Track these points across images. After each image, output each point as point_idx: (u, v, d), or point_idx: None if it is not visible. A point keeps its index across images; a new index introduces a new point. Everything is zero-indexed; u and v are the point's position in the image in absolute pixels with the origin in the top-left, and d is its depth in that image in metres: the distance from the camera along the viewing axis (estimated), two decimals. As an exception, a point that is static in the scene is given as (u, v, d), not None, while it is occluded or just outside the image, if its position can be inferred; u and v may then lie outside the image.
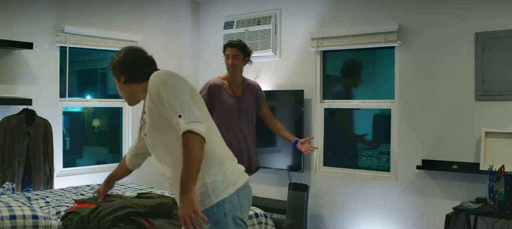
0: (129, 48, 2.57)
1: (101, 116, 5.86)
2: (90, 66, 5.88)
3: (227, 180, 2.32)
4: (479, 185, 4.28)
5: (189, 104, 2.25)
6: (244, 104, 4.18)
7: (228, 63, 4.15)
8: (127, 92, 2.54)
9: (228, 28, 5.88)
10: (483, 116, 4.34)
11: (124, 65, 2.48)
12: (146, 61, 2.52)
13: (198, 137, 2.17)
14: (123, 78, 2.49)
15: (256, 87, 4.31)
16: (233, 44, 4.17)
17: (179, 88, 2.30)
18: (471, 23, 4.40)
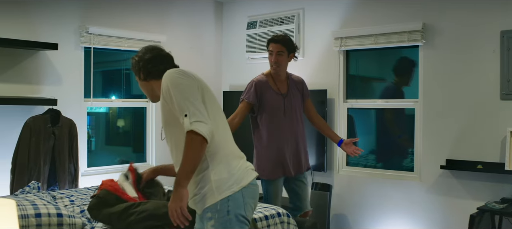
0: (146, 47, 2.67)
1: (125, 116, 5.93)
2: (114, 67, 5.95)
3: (232, 178, 2.37)
4: (504, 185, 4.21)
5: (195, 104, 2.30)
6: (290, 101, 4.01)
7: (271, 60, 3.98)
8: (148, 89, 2.64)
9: (251, 28, 5.89)
10: (508, 116, 4.26)
11: (142, 63, 2.59)
12: (162, 58, 2.61)
13: (200, 138, 2.24)
14: (142, 75, 2.60)
15: (300, 82, 4.13)
16: (277, 39, 3.98)
17: (188, 88, 2.35)
18: (497, 21, 4.32)
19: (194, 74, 2.49)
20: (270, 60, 3.98)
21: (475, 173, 4.39)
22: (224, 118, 2.57)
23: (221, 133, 2.45)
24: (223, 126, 2.52)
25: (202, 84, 2.46)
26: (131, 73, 5.91)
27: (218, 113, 2.50)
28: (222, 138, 2.43)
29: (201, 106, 2.32)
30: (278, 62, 3.95)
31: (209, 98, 2.45)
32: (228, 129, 2.56)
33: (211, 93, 2.51)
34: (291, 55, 4.01)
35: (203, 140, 2.24)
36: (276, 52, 3.94)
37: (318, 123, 4.18)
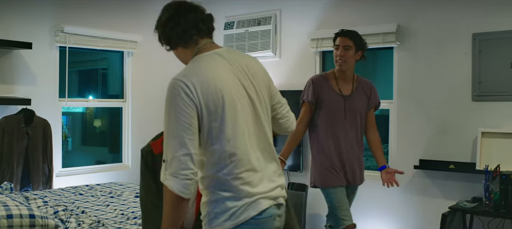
0: (167, 4, 2.15)
1: (102, 116, 5.89)
2: (90, 66, 5.92)
3: (225, 214, 1.95)
4: (475, 185, 4.29)
5: (177, 147, 1.85)
6: (352, 104, 3.56)
7: (336, 54, 3.53)
8: (182, 59, 2.15)
9: (228, 29, 5.90)
10: (479, 116, 4.35)
11: (160, 28, 2.11)
12: (180, 16, 2.06)
13: (173, 195, 1.85)
14: (164, 45, 2.13)
15: (370, 87, 3.68)
16: (345, 32, 3.58)
17: (177, 118, 1.88)
18: (469, 24, 4.40)
19: (207, 81, 1.94)
20: (335, 54, 3.54)
21: (447, 172, 4.47)
22: (241, 131, 1.98)
23: (240, 154, 1.97)
24: (244, 143, 1.98)
25: (215, 96, 1.92)
26: (107, 72, 5.89)
27: (226, 129, 1.94)
28: (233, 164, 1.95)
29: (185, 146, 1.85)
30: (344, 57, 3.50)
31: (230, 113, 1.94)
32: (252, 142, 2.01)
33: (241, 100, 1.98)
34: (360, 53, 3.56)
35: (178, 198, 1.85)
36: (343, 46, 3.50)
37: (372, 138, 3.71)
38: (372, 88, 3.69)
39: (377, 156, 3.71)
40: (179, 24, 2.04)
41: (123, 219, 3.36)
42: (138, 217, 3.40)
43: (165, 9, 2.12)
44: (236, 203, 1.94)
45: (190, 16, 2.07)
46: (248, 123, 2.01)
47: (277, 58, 5.64)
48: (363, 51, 3.60)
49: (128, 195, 4.11)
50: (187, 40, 2.06)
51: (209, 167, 1.97)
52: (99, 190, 4.29)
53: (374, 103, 3.69)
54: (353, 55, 3.54)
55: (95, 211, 3.56)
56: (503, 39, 4.22)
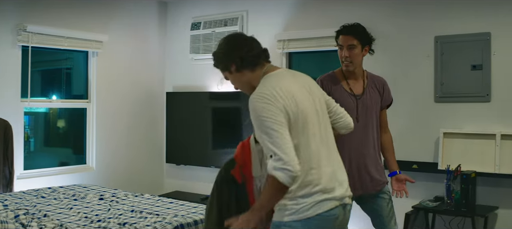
0: (226, 37, 2.48)
1: (66, 116, 5.79)
2: (54, 66, 5.81)
3: (294, 207, 2.22)
4: (438, 184, 4.38)
5: (279, 142, 2.12)
6: (365, 104, 3.26)
7: (341, 55, 3.24)
8: (242, 82, 2.43)
9: (195, 29, 5.88)
10: (441, 117, 4.45)
11: (231, 53, 2.39)
12: (249, 44, 2.42)
13: (280, 185, 2.12)
14: (233, 67, 2.38)
15: (382, 83, 3.36)
16: (347, 30, 3.24)
17: (271, 121, 2.15)
18: (431, 27, 4.50)
19: (286, 90, 2.23)
20: (340, 55, 3.26)
21: (410, 172, 4.51)
22: (320, 138, 2.30)
23: (313, 159, 2.26)
24: (305, 144, 2.26)
25: (297, 105, 2.23)
26: (71, 72, 5.79)
27: (305, 129, 2.25)
28: (306, 166, 2.23)
29: (285, 142, 2.13)
30: (350, 57, 3.21)
31: (303, 118, 2.24)
32: (322, 150, 2.30)
33: (297, 111, 2.24)
34: (367, 48, 3.27)
35: (283, 187, 2.14)
36: (347, 46, 3.20)
37: (384, 140, 3.39)
38: (385, 84, 3.37)
39: (389, 160, 3.39)
40: (253, 49, 2.38)
41: (87, 222, 3.31)
42: (101, 220, 3.36)
43: (232, 37, 2.46)
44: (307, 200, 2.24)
45: (257, 43, 2.43)
46: (315, 126, 2.33)
47: (244, 59, 5.63)
48: (369, 45, 3.29)
49: (92, 198, 4.05)
50: (257, 63, 2.38)
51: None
52: (62, 193, 4.22)
53: (387, 101, 3.38)
54: (360, 53, 3.23)
55: (58, 215, 3.50)
56: (464, 42, 4.32)
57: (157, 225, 3.24)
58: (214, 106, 5.85)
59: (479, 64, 4.26)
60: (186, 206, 3.85)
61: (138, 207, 3.74)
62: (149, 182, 6.06)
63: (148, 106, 6.14)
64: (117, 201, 3.96)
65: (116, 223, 3.28)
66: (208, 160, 5.82)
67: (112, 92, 5.71)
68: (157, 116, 6.23)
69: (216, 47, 2.46)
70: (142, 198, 4.10)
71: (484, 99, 4.25)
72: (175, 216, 3.45)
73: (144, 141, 6.08)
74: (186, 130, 5.97)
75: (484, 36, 4.23)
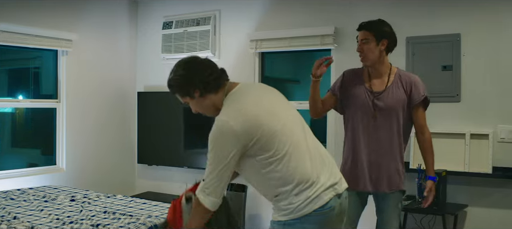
0: (182, 60, 2.43)
1: (33, 117, 5.66)
2: (22, 65, 5.68)
3: (290, 207, 2.30)
4: (409, 183, 4.40)
5: (215, 174, 2.29)
6: (384, 102, 3.19)
7: (358, 49, 3.26)
8: (207, 105, 2.43)
9: (167, 28, 5.83)
10: (413, 117, 4.50)
11: (195, 78, 2.37)
12: (209, 67, 2.42)
13: (202, 208, 2.33)
14: (197, 92, 2.37)
15: (410, 81, 3.22)
16: (362, 25, 3.29)
17: (219, 152, 2.27)
18: (403, 28, 4.54)
19: (249, 111, 2.29)
20: (357, 49, 3.28)
21: (382, 172, 4.60)
22: (294, 143, 2.33)
23: (293, 155, 2.31)
24: (296, 155, 2.32)
25: (258, 120, 2.27)
26: (40, 72, 5.67)
27: (288, 141, 2.31)
28: (293, 162, 2.30)
29: (222, 177, 2.30)
30: (363, 51, 3.21)
31: (272, 130, 2.28)
32: (300, 154, 2.34)
33: (277, 119, 2.32)
34: (385, 41, 3.20)
35: (206, 210, 2.33)
36: (361, 40, 3.23)
37: (421, 142, 3.32)
38: (413, 82, 3.21)
39: (427, 163, 3.31)
40: (214, 72, 2.37)
41: (59, 224, 3.24)
42: (74, 221, 3.29)
43: (189, 62, 2.40)
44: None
45: (214, 65, 2.42)
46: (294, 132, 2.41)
47: (216, 59, 5.62)
48: (388, 40, 3.22)
49: (63, 199, 3.97)
50: (220, 85, 2.38)
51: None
52: (32, 194, 4.13)
53: (415, 100, 3.19)
54: (375, 47, 3.19)
55: (28, 217, 3.42)
56: (435, 43, 4.40)
57: (131, 226, 3.20)
58: (186, 106, 5.74)
59: (449, 65, 4.35)
60: (160, 206, 3.81)
61: (110, 208, 3.68)
62: (120, 183, 5.98)
63: (119, 106, 6.07)
64: (89, 202, 3.89)
65: (89, 224, 3.22)
66: (180, 160, 5.78)
67: (83, 91, 5.61)
68: (129, 116, 6.16)
69: (172, 74, 2.39)
70: (114, 199, 4.04)
71: (454, 99, 4.34)
72: (148, 217, 3.42)
73: (115, 141, 6.00)
74: (158, 130, 5.92)
75: (454, 37, 4.31)
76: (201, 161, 5.61)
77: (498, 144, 4.17)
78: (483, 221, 4.23)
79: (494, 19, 4.22)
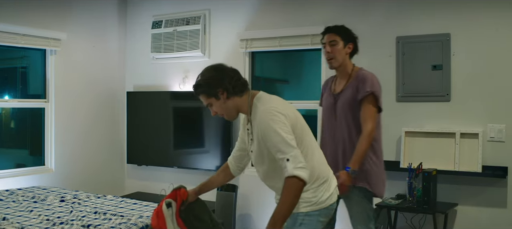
0: (211, 66, 2.64)
1: (20, 117, 5.59)
2: (8, 65, 5.61)
3: (313, 199, 2.55)
4: (399, 182, 4.45)
5: (295, 147, 2.38)
6: (341, 102, 3.35)
7: (324, 52, 3.38)
8: (229, 107, 2.60)
9: (156, 28, 5.80)
10: (403, 117, 4.53)
11: (224, 79, 2.57)
12: (237, 74, 2.62)
13: (301, 184, 2.36)
14: (224, 94, 2.55)
15: (360, 78, 3.32)
16: (328, 28, 3.40)
17: (286, 128, 2.41)
18: (393, 28, 4.58)
19: (287, 106, 2.56)
20: (324, 53, 3.41)
21: (373, 171, 4.61)
22: (315, 142, 2.67)
23: (315, 154, 2.60)
24: (318, 152, 2.66)
25: (295, 114, 2.55)
26: (27, 71, 5.61)
27: (312, 139, 2.63)
28: (315, 160, 2.58)
29: (298, 148, 2.40)
30: (332, 53, 3.33)
31: (302, 126, 2.57)
32: (319, 152, 2.67)
33: (302, 122, 2.59)
34: (350, 45, 3.37)
35: (303, 185, 2.38)
36: (329, 42, 3.35)
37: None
38: (362, 79, 3.31)
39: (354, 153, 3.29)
40: (241, 78, 2.59)
41: (49, 225, 3.20)
42: (64, 222, 3.26)
43: (219, 66, 2.61)
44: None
45: (239, 72, 2.62)
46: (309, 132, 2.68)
47: (206, 58, 5.61)
48: (353, 43, 3.39)
49: (52, 200, 3.93)
50: (245, 90, 2.59)
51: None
52: (21, 195, 4.08)
53: (361, 94, 3.28)
54: (342, 49, 3.35)
55: (18, 218, 3.38)
56: (425, 42, 4.42)
57: (122, 226, 3.18)
58: (175, 106, 5.78)
59: (439, 64, 4.37)
60: (151, 206, 3.79)
61: (101, 209, 3.65)
62: (110, 183, 5.94)
63: (108, 106, 6.02)
64: (79, 203, 3.86)
65: (80, 225, 3.19)
66: (169, 160, 5.76)
67: (71, 91, 5.57)
68: (118, 116, 6.12)
69: (201, 75, 2.58)
70: (105, 200, 4.01)
71: (444, 99, 4.36)
72: (140, 217, 3.40)
73: (104, 141, 5.96)
74: (147, 130, 5.89)
75: (444, 37, 4.34)
76: (191, 161, 5.60)
77: (487, 143, 4.20)
78: (473, 220, 4.26)
79: (484, 19, 4.25)
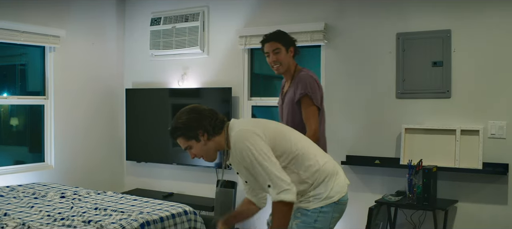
0: (185, 109, 2.54)
1: (19, 115, 5.58)
2: (7, 62, 5.59)
3: (324, 194, 2.54)
4: (399, 179, 4.46)
5: (274, 171, 2.38)
6: (285, 102, 3.56)
7: (270, 61, 3.54)
8: (211, 149, 2.54)
9: (155, 25, 5.79)
10: (403, 113, 4.53)
11: (203, 121, 2.50)
12: (214, 113, 2.55)
13: (288, 206, 2.38)
14: (205, 136, 2.49)
15: (298, 80, 3.49)
16: (269, 37, 3.55)
17: (263, 153, 2.39)
18: (393, 24, 4.57)
19: (260, 123, 2.55)
20: (269, 62, 3.56)
21: (373, 167, 4.62)
22: (310, 142, 2.68)
23: (321, 153, 2.63)
24: (317, 151, 2.64)
25: (272, 128, 2.53)
26: (26, 68, 5.59)
27: (304, 141, 2.62)
28: (323, 158, 2.60)
29: (279, 169, 2.40)
30: (279, 60, 3.51)
31: (285, 135, 2.55)
32: (319, 150, 2.67)
33: (285, 128, 2.63)
34: (292, 49, 3.55)
35: (290, 205, 2.38)
36: (272, 51, 3.51)
37: None
38: (298, 81, 3.47)
39: None
40: (218, 116, 2.52)
41: (50, 221, 3.20)
42: (65, 218, 3.25)
43: (194, 108, 2.51)
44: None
45: (216, 111, 2.56)
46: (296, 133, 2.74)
47: (205, 55, 5.60)
48: (293, 46, 3.57)
49: (53, 196, 3.93)
50: (223, 126, 2.52)
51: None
52: (21, 191, 4.08)
53: (297, 96, 3.45)
54: (286, 54, 3.53)
55: (19, 213, 3.37)
56: (425, 39, 4.42)
57: (123, 222, 3.17)
58: (174, 103, 5.77)
59: (439, 61, 4.37)
60: (151, 203, 3.79)
61: (101, 205, 3.65)
62: (109, 180, 5.93)
63: (107, 103, 6.01)
64: (80, 199, 3.85)
65: (81, 221, 3.19)
66: (169, 157, 5.75)
67: (70, 88, 5.56)
68: (117, 113, 6.11)
69: (178, 119, 2.48)
70: (105, 196, 4.00)
71: (444, 95, 4.36)
72: (140, 213, 3.39)
73: (104, 138, 5.95)
74: (146, 127, 5.88)
75: (445, 33, 4.34)
76: (190, 158, 5.57)
77: (488, 140, 4.20)
78: (473, 217, 4.26)
79: (485, 15, 4.24)
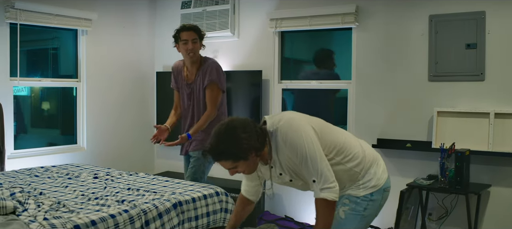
0: (223, 129, 2.32)
1: (50, 98, 5.68)
2: (40, 46, 5.68)
3: (373, 181, 2.53)
4: (431, 163, 4.41)
5: (322, 167, 2.33)
6: (193, 90, 4.07)
7: (188, 48, 3.96)
8: (254, 163, 2.42)
9: (185, 8, 5.81)
10: (435, 96, 4.47)
11: (251, 141, 2.32)
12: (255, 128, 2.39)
13: (331, 204, 2.34)
14: (253, 153, 2.33)
15: (204, 68, 4.03)
16: (190, 27, 4.02)
17: (312, 147, 2.33)
18: (425, 6, 4.49)
19: (307, 117, 2.49)
20: (185, 49, 3.96)
21: (404, 151, 4.58)
22: (350, 135, 2.62)
23: (359, 150, 2.55)
24: (359, 142, 2.61)
25: (317, 122, 2.48)
26: (58, 52, 5.68)
27: (345, 135, 2.57)
28: (365, 145, 2.63)
29: (327, 166, 2.35)
30: (195, 49, 3.99)
31: (331, 129, 2.52)
32: (359, 141, 2.63)
33: (325, 126, 2.52)
34: (202, 42, 4.06)
35: (333, 203, 2.35)
36: (192, 40, 3.95)
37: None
38: (205, 69, 3.99)
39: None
40: (259, 127, 2.37)
41: (84, 200, 3.26)
42: (99, 197, 3.31)
43: (242, 126, 2.31)
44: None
45: (253, 121, 2.40)
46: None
47: (236, 38, 5.60)
48: (202, 41, 4.05)
49: (86, 176, 4.00)
50: (266, 138, 2.39)
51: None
52: (55, 172, 4.16)
53: (207, 81, 3.96)
54: (200, 46, 4.01)
55: (54, 193, 3.45)
56: (458, 21, 4.33)
57: (156, 202, 3.21)
58: (204, 86, 5.78)
59: (473, 43, 4.28)
60: (183, 184, 3.82)
61: (134, 185, 3.70)
62: (140, 162, 6.02)
63: (138, 86, 6.08)
64: (113, 180, 3.91)
65: (114, 200, 3.24)
66: (199, 140, 5.78)
67: (102, 71, 5.63)
68: (148, 96, 6.17)
69: (220, 143, 2.28)
70: (137, 177, 4.06)
71: (478, 78, 4.28)
72: (172, 194, 3.43)
73: (134, 121, 6.02)
74: (177, 110, 5.91)
75: (479, 15, 4.24)
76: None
77: (523, 123, 4.11)
78: (506, 201, 4.20)
79: (520, -4, 4.14)
